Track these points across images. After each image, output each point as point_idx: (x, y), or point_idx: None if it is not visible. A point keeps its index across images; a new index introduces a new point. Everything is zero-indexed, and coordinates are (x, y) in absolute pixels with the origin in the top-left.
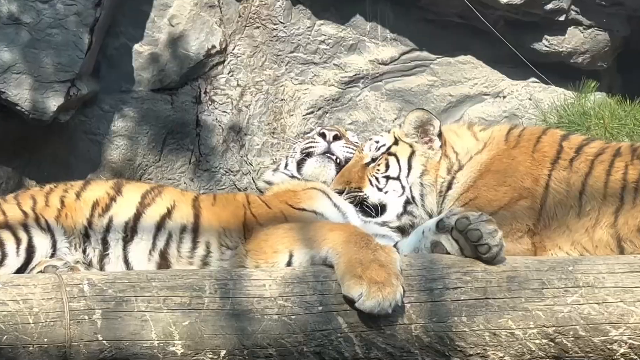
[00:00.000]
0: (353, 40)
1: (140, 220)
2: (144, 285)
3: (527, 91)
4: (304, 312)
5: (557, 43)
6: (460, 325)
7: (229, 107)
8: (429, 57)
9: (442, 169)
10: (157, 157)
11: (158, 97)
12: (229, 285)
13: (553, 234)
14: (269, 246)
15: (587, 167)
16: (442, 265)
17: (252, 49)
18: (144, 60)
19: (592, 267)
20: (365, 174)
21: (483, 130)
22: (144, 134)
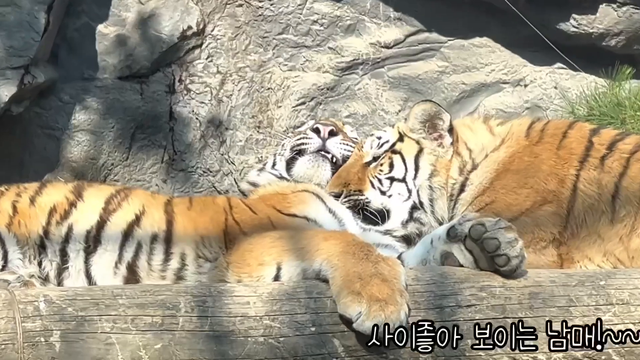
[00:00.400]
0: (351, 20)
1: (104, 228)
2: (110, 302)
3: (552, 79)
4: (294, 333)
5: (586, 23)
6: (473, 351)
7: (207, 97)
8: (439, 39)
9: (453, 169)
10: (124, 155)
11: (126, 86)
12: (208, 303)
13: (582, 243)
14: (253, 258)
15: (621, 166)
16: (454, 279)
17: (234, 30)
18: (110, 43)
19: (627, 282)
20: (365, 175)
21: (501, 125)
22: (110, 129)
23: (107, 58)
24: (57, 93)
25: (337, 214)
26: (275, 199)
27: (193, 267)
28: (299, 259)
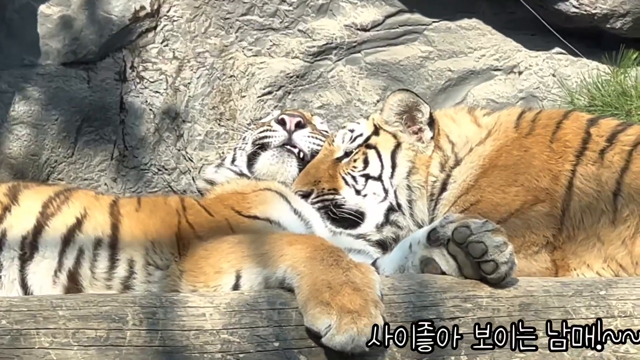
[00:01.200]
0: (324, 0)
1: (41, 234)
2: (49, 314)
3: (550, 65)
4: (255, 349)
5: (588, 3)
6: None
7: (162, 86)
8: (423, 21)
9: (433, 165)
10: (69, 151)
11: (71, 74)
12: (159, 315)
13: (579, 247)
14: (210, 265)
15: (623, 160)
16: (436, 288)
17: (193, 10)
18: (53, 25)
19: (630, 292)
20: (337, 172)
21: (487, 115)
22: (53, 121)
23: (50, 42)
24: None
25: (304, 216)
26: (233, 199)
27: (142, 275)
28: (261, 266)
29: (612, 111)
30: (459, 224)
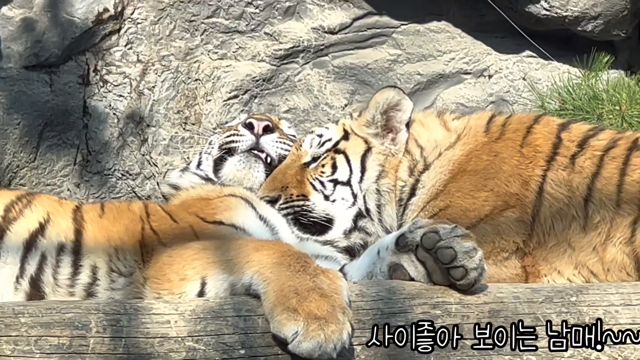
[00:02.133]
0: (290, 2)
1: (3, 239)
2: (10, 321)
3: (520, 68)
4: (221, 356)
5: (559, 5)
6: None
7: (126, 89)
8: (391, 23)
9: (402, 170)
10: (31, 156)
11: (33, 77)
12: (122, 322)
13: (550, 254)
14: (174, 272)
15: (594, 165)
16: (404, 295)
17: (157, 12)
18: (15, 27)
19: (601, 298)
20: (305, 177)
21: (457, 119)
22: (14, 125)
23: (11, 45)
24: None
25: (269, 222)
26: (198, 205)
27: (105, 282)
28: (227, 273)
29: (583, 115)
30: (427, 229)
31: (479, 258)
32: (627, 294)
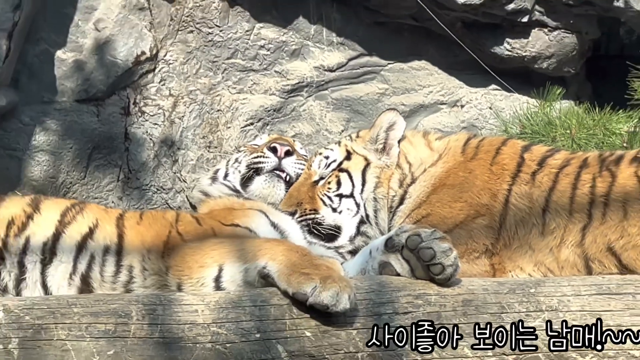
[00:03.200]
0: (296, 45)
1: (59, 240)
2: (65, 311)
3: (487, 100)
4: (240, 339)
5: (519, 47)
6: (412, 354)
7: (160, 118)
8: (380, 62)
9: (393, 181)
10: (82, 174)
11: (83, 109)
12: (158, 311)
13: (514, 254)
14: (194, 260)
15: (551, 181)
16: (392, 288)
17: (186, 55)
18: (68, 68)
19: (556, 289)
20: (315, 194)
21: (439, 140)
22: (68, 149)
23: (65, 82)
24: (18, 116)
25: (280, 227)
26: (222, 214)
27: (140, 279)
28: (242, 260)
29: (540, 138)
30: (411, 232)
31: (454, 257)
32: (577, 286)
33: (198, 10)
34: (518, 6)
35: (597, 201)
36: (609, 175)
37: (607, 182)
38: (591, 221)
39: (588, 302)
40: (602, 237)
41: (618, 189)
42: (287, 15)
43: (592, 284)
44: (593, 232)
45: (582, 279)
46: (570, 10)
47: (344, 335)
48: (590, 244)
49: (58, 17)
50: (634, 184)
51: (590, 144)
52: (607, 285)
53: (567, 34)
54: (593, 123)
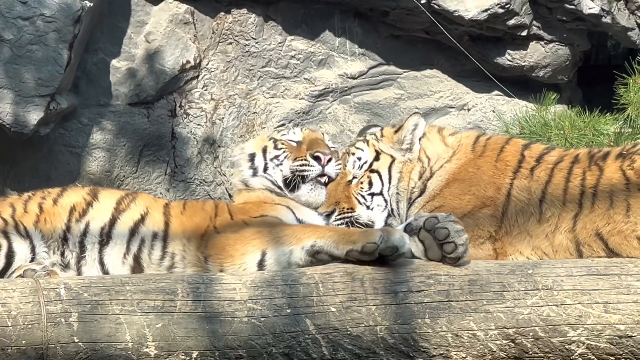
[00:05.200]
0: (323, 55)
1: (115, 225)
2: (119, 289)
3: (491, 104)
4: (272, 314)
5: (519, 57)
6: (424, 327)
7: (203, 120)
8: (396, 71)
9: (414, 173)
10: (134, 169)
11: (135, 111)
12: (201, 289)
13: (514, 240)
14: (235, 249)
15: (547, 175)
16: (407, 269)
17: (225, 64)
18: (122, 75)
19: (551, 271)
20: (350, 193)
21: (451, 136)
22: (122, 146)
23: (119, 87)
24: (77, 117)
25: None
26: (254, 207)
27: (181, 266)
28: (286, 244)
29: (537, 137)
30: (429, 215)
31: (465, 238)
32: (569, 267)
33: (236, 25)
34: (518, 22)
35: (587, 192)
36: (597, 170)
37: (596, 176)
38: (582, 210)
39: (579, 282)
40: (591, 224)
41: (605, 182)
42: (315, 29)
43: (582, 265)
44: (583, 220)
45: (573, 261)
46: (564, 25)
47: (364, 311)
48: (581, 230)
49: (113, 30)
50: (619, 177)
51: (581, 143)
52: (595, 267)
53: (561, 46)
54: (584, 125)
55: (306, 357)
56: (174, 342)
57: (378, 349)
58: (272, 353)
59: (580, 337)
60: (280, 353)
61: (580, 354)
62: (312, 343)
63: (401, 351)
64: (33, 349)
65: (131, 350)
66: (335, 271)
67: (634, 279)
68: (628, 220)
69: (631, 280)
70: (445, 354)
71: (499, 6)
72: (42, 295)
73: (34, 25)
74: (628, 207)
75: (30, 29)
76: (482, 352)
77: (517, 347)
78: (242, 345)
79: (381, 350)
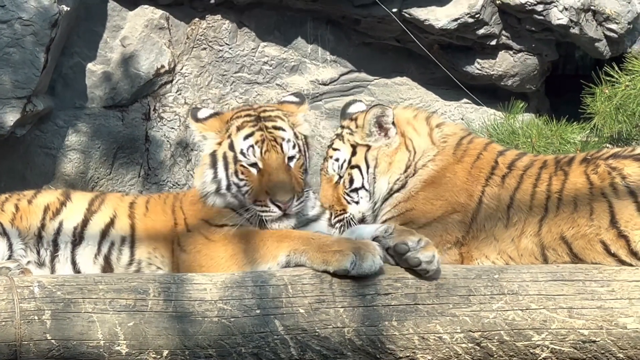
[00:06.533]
0: (295, 62)
1: (87, 226)
2: (91, 287)
3: (460, 111)
4: (242, 315)
5: (488, 66)
6: (391, 330)
7: (176, 123)
8: (367, 78)
9: (399, 162)
10: (108, 171)
11: (110, 114)
12: (172, 289)
13: (481, 244)
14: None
15: (516, 182)
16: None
17: (199, 69)
18: (97, 78)
19: (516, 276)
20: (339, 194)
21: (438, 128)
22: (96, 149)
23: (95, 91)
24: (53, 119)
25: None
26: (218, 216)
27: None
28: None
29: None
30: (399, 241)
31: (437, 261)
32: (535, 273)
33: (210, 31)
34: (487, 31)
35: (552, 197)
36: (563, 174)
37: (561, 180)
38: (547, 214)
39: (544, 287)
40: (556, 228)
41: (570, 186)
42: (288, 36)
43: (548, 271)
44: (549, 224)
45: (539, 267)
46: (532, 35)
47: (332, 313)
48: (546, 234)
49: (89, 34)
50: (583, 182)
51: (548, 151)
52: (560, 272)
53: (530, 56)
54: (551, 133)
55: (275, 358)
56: (145, 341)
57: (346, 350)
58: (241, 353)
59: (544, 342)
60: (250, 353)
61: (544, 358)
62: (281, 344)
63: (368, 353)
64: (6, 346)
65: (103, 348)
66: (305, 273)
67: (598, 285)
68: (592, 224)
69: (595, 286)
70: (411, 356)
71: (469, 16)
72: (15, 293)
73: (11, 29)
74: (591, 211)
75: (7, 32)
76: (448, 355)
77: (482, 351)
78: (212, 345)
79: (349, 351)
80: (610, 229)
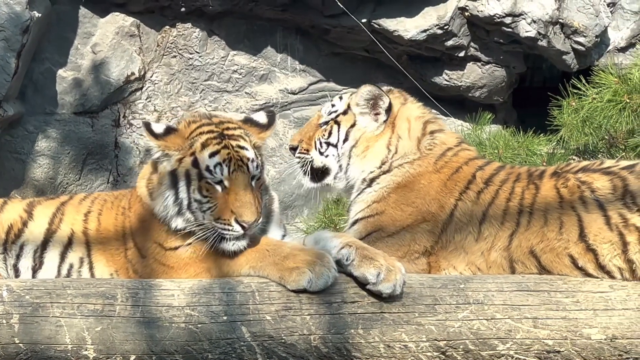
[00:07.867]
0: (264, 71)
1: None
2: (60, 292)
3: None
4: (209, 321)
5: (456, 77)
6: (357, 337)
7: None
8: (336, 87)
9: (378, 153)
10: (77, 176)
11: (80, 120)
12: (140, 294)
13: (449, 255)
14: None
15: (491, 197)
16: (341, 280)
17: (169, 76)
18: (68, 84)
19: (482, 285)
20: (314, 135)
21: (431, 136)
22: (66, 154)
23: (65, 97)
24: (24, 124)
25: None
26: (168, 238)
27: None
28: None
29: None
30: (360, 273)
31: (400, 288)
32: (500, 283)
33: (181, 39)
34: (456, 43)
35: (524, 211)
36: (534, 188)
37: (532, 194)
38: (518, 228)
39: (509, 297)
40: (526, 242)
41: (540, 200)
42: (258, 45)
43: (513, 281)
44: (519, 238)
45: (505, 277)
46: (500, 47)
47: (299, 320)
48: (516, 248)
49: (60, 40)
50: (553, 195)
51: (515, 162)
52: (526, 283)
53: (498, 67)
54: (518, 144)
55: None
56: (113, 346)
57: (312, 357)
58: (208, 359)
59: (509, 351)
60: (216, 359)
61: None
62: (247, 350)
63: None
64: None
65: (70, 352)
66: (272, 281)
67: (562, 296)
68: (561, 237)
69: (560, 297)
70: None
71: (438, 27)
72: None
73: None
74: (561, 225)
75: None
76: None
77: (447, 359)
78: (179, 351)
79: (315, 359)
80: (578, 242)
